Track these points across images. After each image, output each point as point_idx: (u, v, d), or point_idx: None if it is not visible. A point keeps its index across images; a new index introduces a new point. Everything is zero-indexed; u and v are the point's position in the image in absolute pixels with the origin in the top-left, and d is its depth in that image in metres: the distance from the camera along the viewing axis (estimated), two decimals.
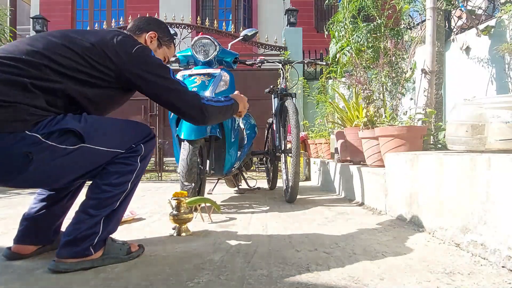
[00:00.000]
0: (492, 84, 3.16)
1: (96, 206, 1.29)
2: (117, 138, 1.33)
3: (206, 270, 1.28)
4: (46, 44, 1.27)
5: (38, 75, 1.20)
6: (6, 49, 1.23)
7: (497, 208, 1.29)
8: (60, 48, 1.27)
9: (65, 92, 1.24)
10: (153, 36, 1.58)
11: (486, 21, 3.26)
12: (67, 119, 1.22)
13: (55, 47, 1.27)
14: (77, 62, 1.27)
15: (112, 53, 1.32)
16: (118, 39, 1.36)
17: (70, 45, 1.28)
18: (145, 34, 1.57)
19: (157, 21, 1.68)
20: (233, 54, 2.81)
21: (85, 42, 1.31)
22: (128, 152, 1.34)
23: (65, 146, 1.20)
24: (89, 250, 1.28)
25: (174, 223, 1.83)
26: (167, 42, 1.65)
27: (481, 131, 1.97)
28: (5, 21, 5.52)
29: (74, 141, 1.21)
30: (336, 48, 4.42)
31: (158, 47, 1.61)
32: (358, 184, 2.76)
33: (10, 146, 1.13)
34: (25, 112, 1.15)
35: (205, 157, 2.53)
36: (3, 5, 5.85)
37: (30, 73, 1.19)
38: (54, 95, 1.22)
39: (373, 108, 2.79)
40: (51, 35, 1.33)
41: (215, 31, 5.97)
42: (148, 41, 1.57)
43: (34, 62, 1.20)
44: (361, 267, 1.29)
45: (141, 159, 1.37)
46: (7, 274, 1.27)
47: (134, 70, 1.35)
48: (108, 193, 1.30)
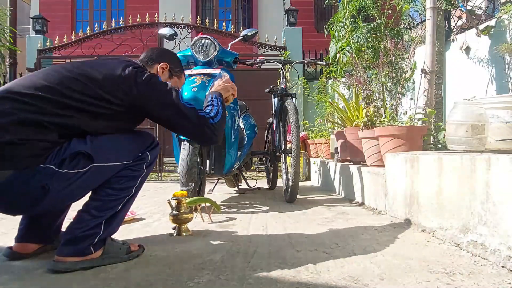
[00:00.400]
0: (492, 84, 3.16)
1: (99, 208, 1.32)
2: (123, 151, 1.37)
3: (206, 270, 1.28)
4: (60, 79, 1.29)
5: (53, 111, 1.23)
6: (23, 84, 1.26)
7: (497, 208, 1.29)
8: (73, 82, 1.29)
9: (79, 126, 1.28)
10: (164, 67, 1.62)
11: (486, 21, 3.26)
12: (74, 143, 1.25)
13: (69, 81, 1.29)
14: (90, 96, 1.29)
15: (124, 84, 1.35)
16: (129, 70, 1.39)
17: (83, 79, 1.31)
18: (157, 65, 1.61)
19: (169, 52, 1.73)
20: (233, 54, 2.80)
21: (98, 75, 1.33)
22: (135, 161, 1.39)
23: (77, 170, 1.24)
24: (89, 249, 1.29)
25: (174, 223, 1.83)
26: (178, 72, 1.70)
27: (481, 131, 1.97)
28: (5, 21, 5.52)
29: (84, 163, 1.25)
30: (336, 48, 4.41)
31: (170, 77, 1.66)
32: (358, 184, 2.76)
33: (26, 181, 1.17)
34: (39, 148, 1.19)
35: (205, 157, 2.53)
36: (3, 5, 5.85)
37: (46, 110, 1.22)
38: (67, 129, 1.26)
39: (373, 108, 2.79)
40: (65, 68, 1.36)
41: (215, 31, 5.97)
42: (160, 72, 1.61)
43: (49, 99, 1.23)
44: (361, 267, 1.29)
45: (146, 165, 1.43)
46: (7, 274, 1.27)
47: (145, 98, 1.38)
48: (113, 196, 1.34)
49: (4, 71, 5.96)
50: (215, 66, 2.70)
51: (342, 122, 3.39)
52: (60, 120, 1.23)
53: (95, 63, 1.42)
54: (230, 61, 2.78)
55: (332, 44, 4.52)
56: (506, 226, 1.24)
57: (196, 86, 2.45)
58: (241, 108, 3.24)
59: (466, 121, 1.98)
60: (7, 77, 6.41)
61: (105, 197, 1.33)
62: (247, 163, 3.52)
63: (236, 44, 3.06)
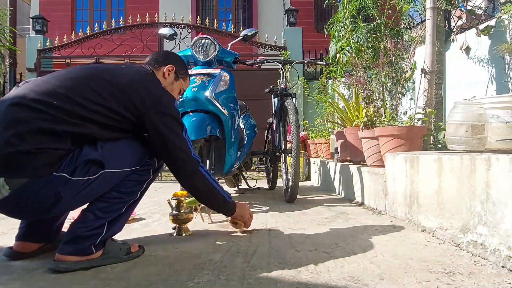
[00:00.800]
0: (492, 84, 3.16)
1: (104, 209, 1.33)
2: (132, 157, 1.39)
3: (206, 270, 1.28)
4: (75, 88, 1.30)
5: (67, 120, 1.24)
6: (37, 91, 1.26)
7: (497, 208, 1.29)
8: (88, 92, 1.30)
9: (91, 135, 1.30)
10: (171, 69, 1.64)
11: (486, 21, 3.26)
12: (86, 151, 1.27)
13: (83, 90, 1.30)
14: (103, 106, 1.31)
15: (137, 97, 1.37)
16: (145, 82, 1.42)
17: (97, 89, 1.32)
18: (164, 67, 1.63)
19: (175, 55, 1.75)
20: (233, 54, 2.80)
21: (111, 86, 1.34)
22: (142, 166, 1.42)
23: (88, 177, 1.26)
24: (90, 248, 1.30)
25: (174, 223, 1.83)
26: (183, 75, 1.71)
27: (481, 131, 1.97)
28: (5, 21, 5.52)
29: (95, 170, 1.27)
30: (336, 48, 4.41)
31: (175, 79, 1.67)
32: (358, 184, 2.76)
33: (40, 189, 1.19)
34: (54, 156, 1.20)
35: (205, 157, 2.52)
36: (3, 5, 5.85)
37: (60, 119, 1.23)
38: (80, 137, 1.28)
39: (373, 108, 2.79)
40: (80, 75, 1.37)
41: (215, 31, 5.97)
42: (166, 74, 1.63)
43: (63, 109, 1.24)
44: (361, 267, 1.29)
45: (153, 171, 1.46)
46: (7, 274, 1.27)
47: (153, 119, 1.39)
48: (118, 199, 1.36)
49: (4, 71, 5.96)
50: (215, 66, 2.70)
51: (342, 122, 3.39)
52: (73, 129, 1.25)
53: (111, 70, 1.42)
54: (230, 61, 2.78)
55: (332, 44, 4.52)
56: (506, 226, 1.24)
57: (196, 86, 2.45)
58: (241, 108, 3.24)
59: (466, 121, 1.98)
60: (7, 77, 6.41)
61: (111, 200, 1.34)
62: (247, 163, 3.51)
63: (236, 44, 3.06)
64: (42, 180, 1.19)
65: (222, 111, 2.50)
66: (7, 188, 1.16)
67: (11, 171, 1.16)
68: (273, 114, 3.20)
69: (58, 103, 1.24)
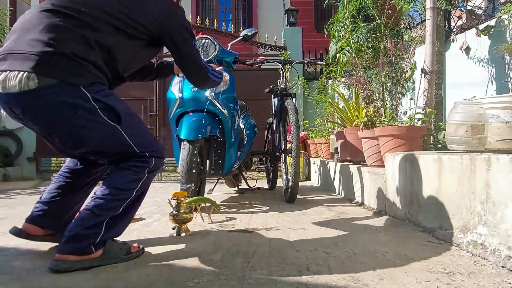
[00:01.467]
0: (492, 84, 3.16)
1: (100, 206, 1.33)
2: (140, 137, 1.43)
3: (206, 270, 1.28)
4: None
5: (96, 27, 1.31)
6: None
7: (497, 208, 1.29)
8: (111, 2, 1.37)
9: (116, 47, 1.36)
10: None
11: (486, 21, 3.26)
12: (114, 97, 1.36)
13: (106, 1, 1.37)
14: (127, 16, 1.38)
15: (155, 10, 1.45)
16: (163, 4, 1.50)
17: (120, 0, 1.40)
18: None
19: None
20: (233, 54, 2.80)
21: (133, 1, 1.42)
22: (140, 159, 1.42)
23: (105, 119, 1.31)
24: (90, 248, 1.30)
25: (174, 223, 1.83)
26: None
27: (481, 131, 1.97)
28: (5, 21, 5.52)
29: (112, 119, 1.33)
30: (336, 48, 4.41)
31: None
32: (358, 184, 2.76)
33: (65, 95, 1.25)
34: (86, 69, 1.28)
35: (205, 157, 2.53)
36: (3, 5, 5.86)
37: (90, 26, 1.30)
38: (107, 52, 1.34)
39: (373, 108, 2.79)
40: None
41: (215, 31, 5.96)
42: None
43: (91, 15, 1.32)
44: (361, 267, 1.29)
45: (148, 171, 1.46)
46: (7, 274, 1.27)
47: (171, 29, 1.50)
48: (114, 196, 1.36)
49: None
50: None
51: (342, 122, 3.39)
52: (100, 39, 1.31)
53: None
54: (230, 61, 2.78)
55: (332, 44, 4.52)
56: (506, 226, 1.24)
57: None
58: (241, 108, 3.24)
59: (466, 121, 1.98)
60: None
61: (106, 196, 1.35)
62: (247, 163, 3.51)
63: (236, 44, 3.05)
64: (69, 87, 1.24)
65: (222, 111, 2.50)
66: (36, 82, 1.20)
67: (45, 69, 1.21)
68: (273, 114, 3.21)
69: (85, 9, 1.31)
